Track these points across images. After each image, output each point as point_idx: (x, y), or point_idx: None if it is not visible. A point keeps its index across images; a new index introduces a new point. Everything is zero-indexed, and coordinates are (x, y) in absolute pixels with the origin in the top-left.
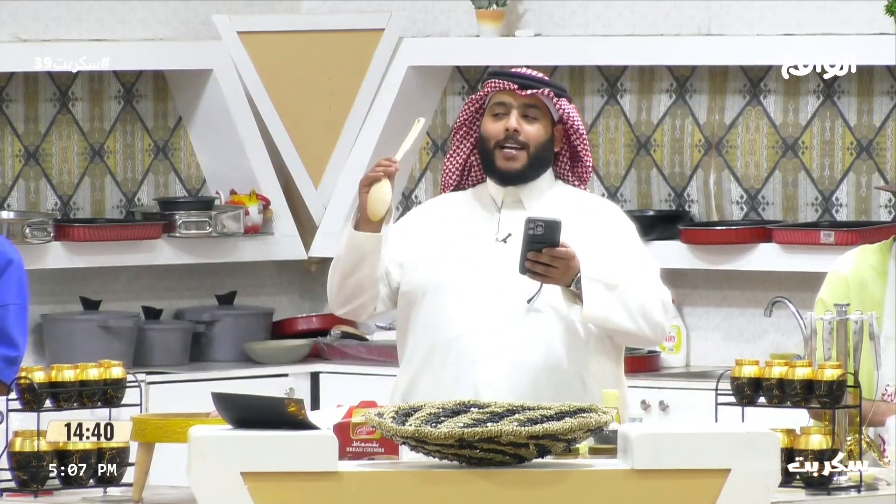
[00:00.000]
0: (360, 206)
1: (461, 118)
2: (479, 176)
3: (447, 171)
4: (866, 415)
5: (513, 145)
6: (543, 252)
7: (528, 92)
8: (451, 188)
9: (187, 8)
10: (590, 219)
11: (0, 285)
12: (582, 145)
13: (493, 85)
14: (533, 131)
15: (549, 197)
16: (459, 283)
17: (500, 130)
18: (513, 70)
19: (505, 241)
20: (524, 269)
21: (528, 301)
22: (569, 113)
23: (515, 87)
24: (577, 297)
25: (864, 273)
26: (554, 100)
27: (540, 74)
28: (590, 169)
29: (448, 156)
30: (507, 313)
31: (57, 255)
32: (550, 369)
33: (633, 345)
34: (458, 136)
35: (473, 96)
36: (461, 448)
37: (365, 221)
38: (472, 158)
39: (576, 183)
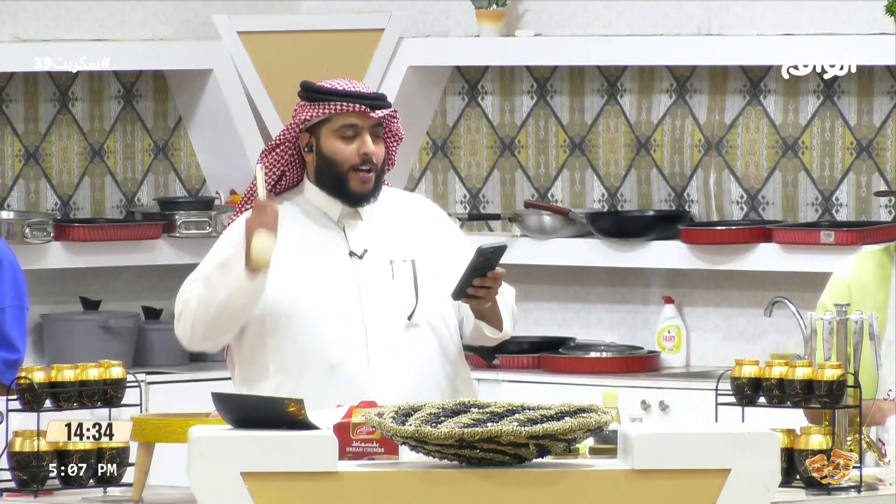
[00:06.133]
0: (247, 250)
1: (283, 137)
2: (288, 184)
3: (253, 190)
4: (866, 414)
5: (367, 168)
6: (488, 276)
7: (381, 114)
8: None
9: (187, 8)
10: (423, 222)
11: None
12: (396, 149)
13: (340, 107)
14: (380, 152)
15: (380, 205)
16: (328, 304)
17: (354, 154)
18: (355, 90)
19: (361, 257)
20: (463, 295)
21: (409, 317)
22: (399, 127)
23: (366, 109)
24: (483, 314)
25: (865, 278)
26: (397, 119)
27: (370, 89)
28: (393, 164)
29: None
30: (386, 332)
31: (57, 255)
32: (434, 382)
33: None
34: (276, 153)
35: (304, 117)
36: (461, 448)
37: (247, 264)
38: (287, 171)
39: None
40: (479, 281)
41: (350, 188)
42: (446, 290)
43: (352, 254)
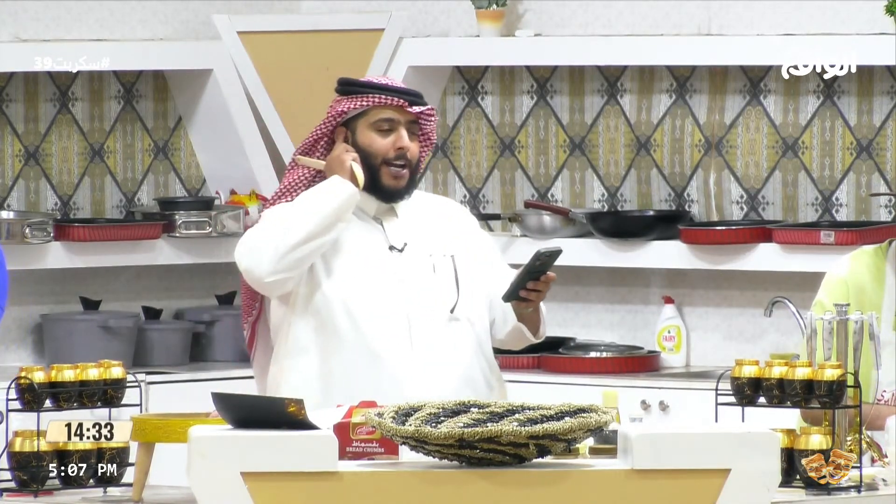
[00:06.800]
0: (349, 173)
1: (320, 132)
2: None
3: (296, 181)
4: (865, 417)
5: (401, 163)
6: (541, 279)
7: (418, 110)
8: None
9: (187, 8)
10: (456, 222)
11: None
12: (426, 154)
13: (378, 100)
14: (415, 148)
15: (414, 203)
16: (372, 297)
17: (389, 147)
18: (393, 84)
19: (401, 251)
20: (514, 297)
21: (451, 311)
22: (433, 129)
23: (404, 103)
24: (524, 317)
25: (861, 277)
26: (433, 116)
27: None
28: (420, 170)
29: (300, 167)
30: (429, 324)
31: (57, 255)
32: (472, 376)
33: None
34: (320, 146)
35: (341, 109)
36: (461, 448)
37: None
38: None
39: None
40: (532, 284)
41: (383, 183)
42: (481, 288)
43: (392, 248)
